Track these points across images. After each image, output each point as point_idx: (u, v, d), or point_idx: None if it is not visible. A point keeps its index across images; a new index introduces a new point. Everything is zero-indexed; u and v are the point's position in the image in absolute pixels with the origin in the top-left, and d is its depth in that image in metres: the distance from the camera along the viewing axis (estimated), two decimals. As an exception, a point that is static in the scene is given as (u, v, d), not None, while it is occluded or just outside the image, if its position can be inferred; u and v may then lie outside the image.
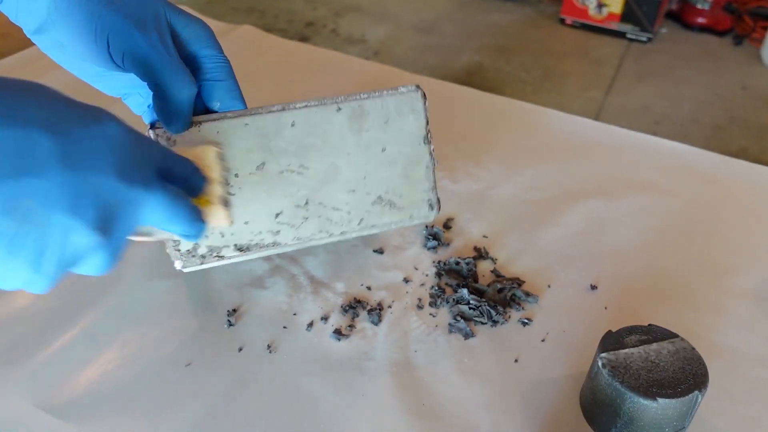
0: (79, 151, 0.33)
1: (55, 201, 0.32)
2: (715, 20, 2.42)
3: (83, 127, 0.33)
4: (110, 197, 0.34)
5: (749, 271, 0.64)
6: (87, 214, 0.33)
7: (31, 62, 0.92)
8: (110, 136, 0.35)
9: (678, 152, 0.80)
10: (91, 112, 0.35)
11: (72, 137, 0.33)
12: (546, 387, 0.52)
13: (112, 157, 0.34)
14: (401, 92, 0.54)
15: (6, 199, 0.30)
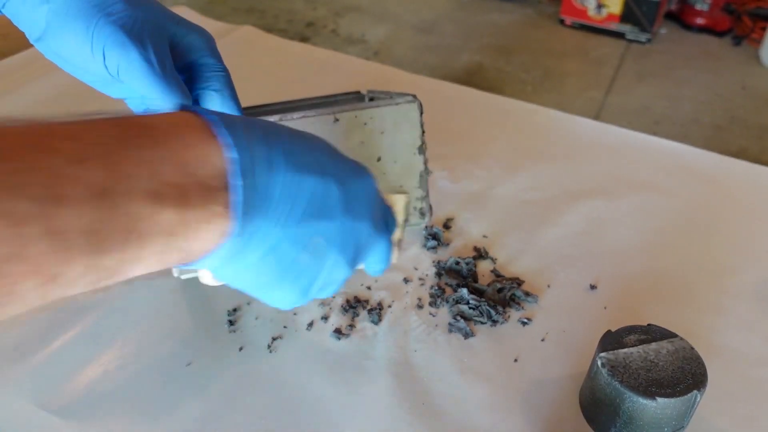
0: (353, 200, 0.38)
1: (335, 240, 0.37)
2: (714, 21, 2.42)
3: (356, 179, 0.38)
4: (363, 240, 0.39)
5: (749, 271, 0.64)
6: (349, 253, 0.38)
7: (32, 62, 0.92)
8: (370, 190, 0.40)
9: (678, 152, 0.81)
10: (360, 167, 0.40)
11: (350, 188, 0.38)
12: (546, 387, 0.52)
13: (371, 208, 0.40)
14: (398, 103, 0.55)
15: (308, 236, 0.36)
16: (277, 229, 0.34)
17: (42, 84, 0.87)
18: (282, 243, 0.35)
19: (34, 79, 0.88)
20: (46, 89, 0.87)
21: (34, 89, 0.87)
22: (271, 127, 0.35)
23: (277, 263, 0.35)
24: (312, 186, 0.35)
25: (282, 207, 0.34)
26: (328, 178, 0.36)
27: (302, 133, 0.38)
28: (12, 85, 0.88)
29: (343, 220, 0.37)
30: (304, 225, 0.35)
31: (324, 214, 0.36)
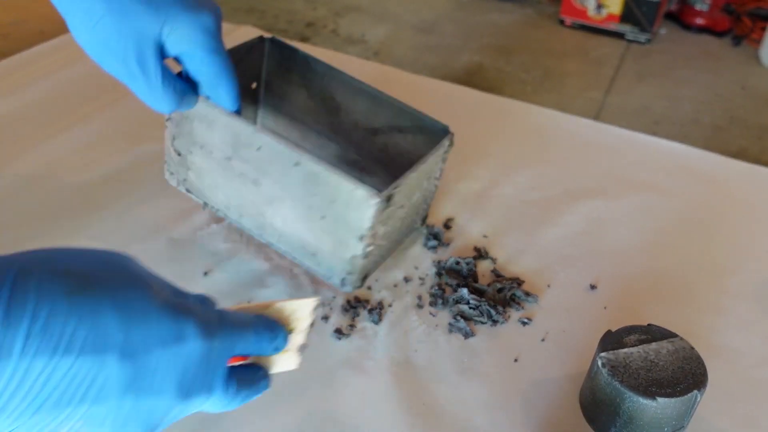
0: (146, 377, 0.30)
1: (104, 424, 0.30)
2: (713, 21, 2.42)
3: (161, 348, 0.30)
4: (164, 413, 0.32)
5: (749, 271, 0.64)
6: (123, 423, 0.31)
7: (32, 62, 0.92)
8: (186, 355, 0.32)
9: (678, 152, 0.81)
10: (176, 325, 0.31)
11: (143, 363, 0.30)
12: (546, 386, 0.52)
13: (179, 378, 0.32)
14: (358, 191, 0.49)
15: (58, 422, 0.28)
16: (5, 420, 0.27)
17: (42, 84, 0.87)
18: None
19: (34, 79, 0.88)
20: (46, 89, 0.86)
21: (34, 89, 0.87)
22: (39, 280, 0.28)
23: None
24: (69, 367, 0.27)
25: (13, 401, 0.27)
26: (106, 353, 0.28)
27: (97, 273, 0.30)
28: (12, 85, 0.87)
29: (121, 403, 0.29)
30: (46, 414, 0.28)
31: (87, 398, 0.28)
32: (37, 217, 0.67)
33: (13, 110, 0.83)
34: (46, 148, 0.76)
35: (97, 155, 0.75)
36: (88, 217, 0.67)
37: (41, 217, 0.67)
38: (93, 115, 0.80)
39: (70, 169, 0.73)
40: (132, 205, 0.67)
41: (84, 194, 0.70)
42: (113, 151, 0.73)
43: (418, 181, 0.56)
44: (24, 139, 0.78)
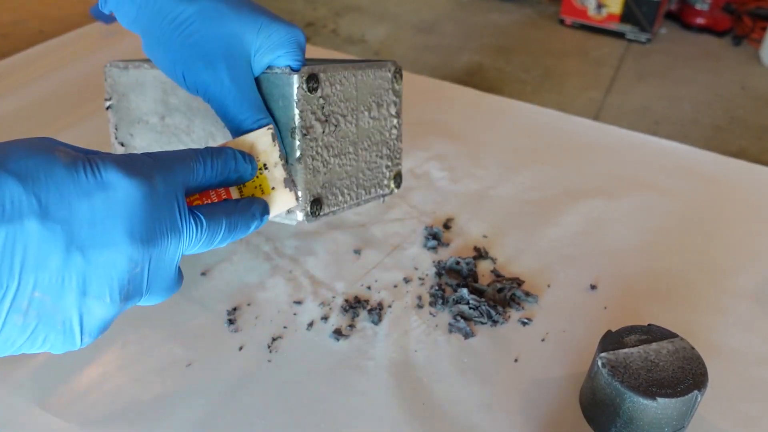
0: (83, 232, 0.31)
1: (64, 287, 0.31)
2: (714, 21, 2.42)
3: (86, 200, 0.31)
4: (129, 263, 0.32)
5: (749, 271, 0.64)
6: (103, 295, 0.32)
7: (32, 62, 0.92)
8: (122, 200, 0.32)
9: (678, 152, 0.81)
10: (93, 176, 0.32)
11: (71, 219, 0.30)
12: (546, 387, 0.52)
13: (126, 224, 0.32)
14: (278, 75, 0.46)
15: (12, 291, 0.29)
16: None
17: (42, 84, 0.87)
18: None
19: (34, 79, 0.88)
20: (46, 89, 0.87)
21: (34, 89, 0.87)
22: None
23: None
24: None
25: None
26: (22, 218, 0.29)
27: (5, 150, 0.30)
28: (12, 85, 0.88)
29: (68, 261, 0.30)
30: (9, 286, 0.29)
31: (28, 264, 0.29)
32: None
33: (13, 110, 0.83)
34: (45, 148, 0.76)
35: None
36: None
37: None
38: (93, 115, 0.80)
39: (69, 169, 0.73)
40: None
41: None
42: (113, 151, 0.73)
43: (361, 95, 0.49)
44: (24, 139, 0.78)
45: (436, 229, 0.66)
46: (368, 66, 0.50)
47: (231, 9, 0.45)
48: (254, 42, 0.45)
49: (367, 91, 0.50)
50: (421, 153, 0.78)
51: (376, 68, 0.50)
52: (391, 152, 0.53)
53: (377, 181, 0.53)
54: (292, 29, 0.46)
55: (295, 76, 0.45)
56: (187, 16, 0.44)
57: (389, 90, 0.51)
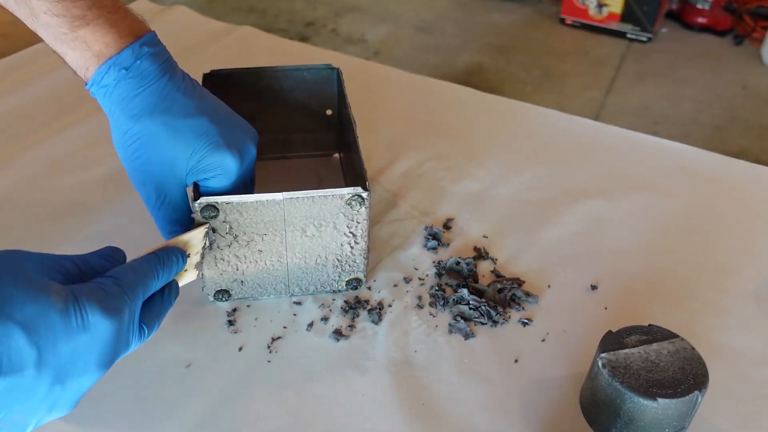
0: (65, 368, 0.35)
1: (38, 411, 0.35)
2: (715, 20, 2.41)
3: (73, 342, 0.35)
4: (90, 384, 0.37)
5: (749, 271, 0.64)
6: (66, 409, 0.37)
7: (32, 62, 0.92)
8: (99, 338, 0.37)
9: (678, 152, 0.80)
10: (80, 320, 0.35)
11: (59, 361, 0.34)
12: (546, 387, 0.52)
13: (98, 356, 0.37)
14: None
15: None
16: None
17: (42, 84, 0.87)
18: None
19: (34, 79, 0.88)
20: (46, 89, 0.86)
21: (34, 89, 0.87)
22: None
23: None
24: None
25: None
26: (23, 370, 0.33)
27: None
28: (12, 85, 0.87)
29: (49, 395, 0.35)
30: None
31: (16, 402, 0.33)
32: (37, 217, 0.67)
33: (13, 110, 0.83)
34: (46, 148, 0.76)
35: (97, 155, 0.75)
36: (88, 217, 0.67)
37: (41, 217, 0.67)
38: (93, 115, 0.80)
39: (70, 169, 0.73)
40: (132, 205, 0.67)
41: (84, 194, 0.70)
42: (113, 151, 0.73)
43: (299, 217, 0.54)
44: (24, 139, 0.78)
45: (436, 229, 0.66)
46: (324, 194, 0.54)
47: (169, 133, 0.49)
48: (186, 165, 0.50)
49: (316, 212, 0.54)
50: (421, 153, 0.78)
51: (333, 196, 0.54)
52: (343, 263, 0.57)
53: (324, 282, 0.58)
54: (222, 155, 0.51)
55: (195, 203, 0.51)
56: (132, 134, 0.49)
57: (339, 214, 0.54)
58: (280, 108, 0.72)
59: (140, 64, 0.48)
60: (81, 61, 0.49)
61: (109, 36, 0.48)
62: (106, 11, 0.48)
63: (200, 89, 0.53)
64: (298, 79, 0.70)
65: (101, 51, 0.48)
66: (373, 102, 0.85)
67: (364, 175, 0.55)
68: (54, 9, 0.47)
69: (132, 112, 0.49)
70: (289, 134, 0.73)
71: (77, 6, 0.47)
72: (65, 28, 0.47)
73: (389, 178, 0.74)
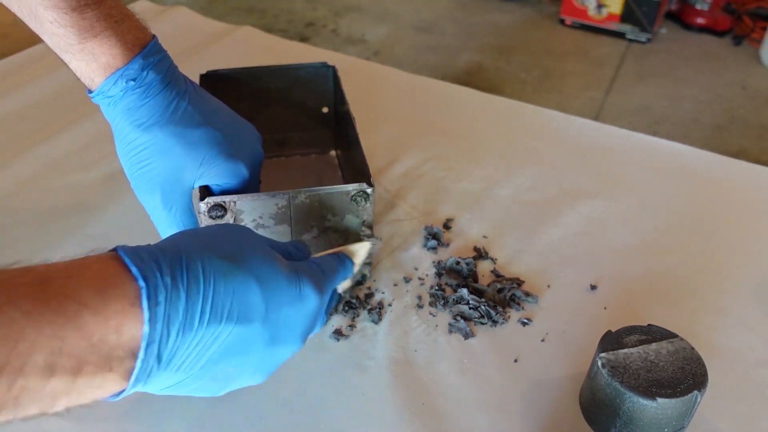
0: (280, 333, 0.38)
1: (247, 368, 0.38)
2: (714, 21, 2.42)
3: (289, 306, 0.38)
4: (289, 355, 0.40)
5: (749, 271, 0.64)
6: (265, 372, 0.40)
7: (32, 62, 0.92)
8: (307, 311, 0.40)
9: (678, 152, 0.80)
10: (296, 284, 0.39)
11: (279, 320, 0.38)
12: (546, 387, 0.52)
13: (303, 329, 0.40)
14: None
15: (215, 371, 0.36)
16: (176, 375, 0.35)
17: (42, 84, 0.87)
18: (182, 382, 0.35)
19: (34, 79, 0.88)
20: (46, 89, 0.87)
21: (34, 89, 0.87)
22: (203, 264, 0.35)
23: (179, 390, 0.36)
24: (229, 333, 0.35)
25: (186, 360, 0.34)
26: (253, 322, 0.36)
27: (241, 254, 0.37)
28: (12, 85, 0.88)
29: (263, 354, 0.37)
30: (209, 367, 0.36)
31: (239, 352, 0.36)
32: (37, 217, 0.67)
33: (12, 110, 0.83)
34: (46, 148, 0.76)
35: (97, 155, 0.75)
36: (88, 217, 0.67)
37: (41, 217, 0.67)
38: (93, 115, 0.80)
39: (70, 169, 0.73)
40: (132, 205, 0.67)
41: (84, 194, 0.70)
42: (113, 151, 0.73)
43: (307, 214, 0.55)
44: (24, 139, 0.78)
45: (436, 229, 0.66)
46: (330, 191, 0.54)
47: (179, 142, 0.50)
48: (196, 173, 0.51)
49: (321, 209, 0.55)
50: (421, 153, 0.78)
51: (338, 192, 0.54)
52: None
53: None
54: (233, 163, 0.52)
55: (202, 203, 0.51)
56: (140, 144, 0.49)
57: (345, 210, 0.55)
58: (276, 107, 0.72)
59: (146, 75, 0.48)
60: (87, 71, 0.48)
61: (116, 48, 0.48)
62: (113, 21, 0.47)
63: (203, 94, 0.53)
64: (294, 77, 0.70)
65: (108, 63, 0.48)
66: (373, 102, 0.85)
67: (367, 171, 0.55)
68: (61, 20, 0.46)
69: (138, 122, 0.49)
70: (285, 133, 0.74)
71: (85, 18, 0.46)
72: (72, 39, 0.47)
73: (389, 178, 0.74)
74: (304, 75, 0.70)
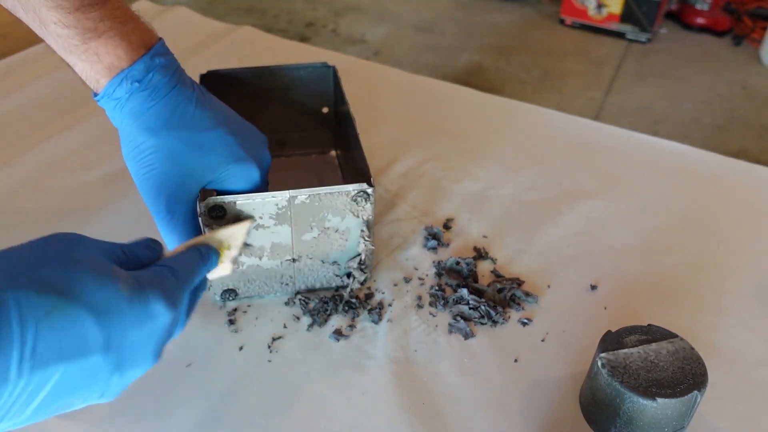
0: (127, 357, 0.34)
1: (93, 399, 0.35)
2: (714, 21, 2.41)
3: (137, 330, 0.35)
4: (141, 373, 0.37)
5: (749, 271, 0.64)
6: (114, 395, 0.36)
7: (32, 62, 0.92)
8: (158, 328, 0.36)
9: (678, 152, 0.80)
10: (145, 308, 0.35)
11: (123, 348, 0.34)
12: (546, 387, 0.52)
13: (155, 346, 0.37)
14: None
15: (56, 411, 0.33)
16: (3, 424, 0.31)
17: (42, 84, 0.87)
18: (14, 425, 0.32)
19: (34, 79, 0.88)
20: (46, 89, 0.87)
21: (34, 89, 0.87)
22: (18, 305, 0.30)
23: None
24: (61, 374, 0.31)
25: (9, 413, 0.30)
26: (91, 354, 0.32)
27: (66, 282, 0.32)
28: (12, 85, 0.88)
29: (108, 381, 0.34)
30: (44, 408, 0.32)
31: (79, 387, 0.33)
32: (37, 217, 0.67)
33: (12, 110, 0.83)
34: (46, 148, 0.76)
35: (97, 155, 0.75)
36: (88, 217, 0.67)
37: (41, 217, 0.67)
38: (93, 115, 0.80)
39: (70, 169, 0.73)
40: (132, 205, 0.67)
41: (84, 194, 0.70)
42: (113, 151, 0.73)
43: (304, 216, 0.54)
44: (24, 139, 0.78)
45: (436, 229, 0.66)
46: (330, 191, 0.54)
47: (188, 147, 0.49)
48: (205, 177, 0.50)
49: (321, 209, 0.54)
50: (421, 153, 0.78)
51: (338, 193, 0.54)
52: (358, 261, 0.58)
53: (331, 278, 0.59)
54: (244, 167, 0.51)
55: (201, 204, 0.51)
56: (148, 147, 0.48)
57: (345, 210, 0.55)
58: (276, 107, 0.72)
59: (152, 77, 0.48)
60: (91, 72, 0.48)
61: (120, 48, 0.47)
62: (118, 22, 0.47)
63: (209, 97, 0.52)
64: (294, 77, 0.70)
65: (113, 63, 0.47)
66: (373, 102, 0.85)
67: (367, 171, 0.55)
68: (65, 20, 0.46)
69: (146, 125, 0.48)
70: (285, 133, 0.74)
71: (89, 18, 0.46)
72: (76, 40, 0.47)
73: (389, 178, 0.74)
74: (304, 75, 0.70)
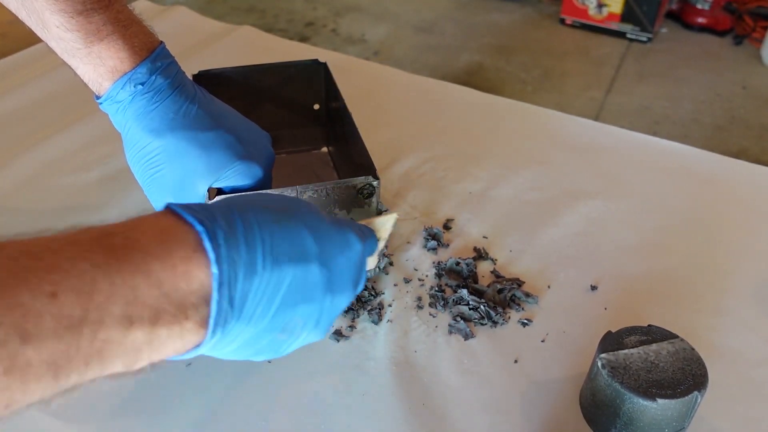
0: (336, 278, 0.39)
1: (312, 318, 0.38)
2: (715, 20, 2.41)
3: (340, 254, 0.39)
4: (344, 306, 0.41)
5: (749, 271, 0.64)
6: (326, 324, 0.40)
7: (32, 62, 0.92)
8: (355, 259, 0.41)
9: (678, 152, 0.80)
10: (344, 235, 0.40)
11: (333, 267, 0.38)
12: (546, 387, 0.52)
13: (354, 275, 0.41)
14: None
15: (283, 321, 0.36)
16: (250, 326, 0.35)
17: (42, 84, 0.87)
18: (255, 335, 0.36)
19: (34, 79, 0.88)
20: (46, 89, 0.86)
21: (34, 89, 0.87)
22: (254, 214, 0.35)
23: (251, 347, 0.37)
24: (291, 277, 0.36)
25: (257, 307, 0.35)
26: (310, 263, 0.37)
27: (287, 207, 0.38)
28: (12, 85, 0.87)
29: (323, 300, 0.38)
30: (280, 315, 0.36)
31: (303, 299, 0.37)
32: (37, 217, 0.67)
33: (12, 110, 0.83)
34: (45, 148, 0.76)
35: (97, 155, 0.75)
36: (88, 217, 0.67)
37: (41, 217, 0.67)
38: (93, 115, 0.80)
39: (70, 169, 0.73)
40: (132, 206, 0.67)
41: (84, 194, 0.70)
42: (113, 151, 0.73)
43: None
44: (24, 139, 0.78)
45: (436, 229, 0.66)
46: (336, 185, 0.55)
47: (193, 147, 0.49)
48: (210, 176, 0.51)
49: (327, 203, 0.56)
50: (421, 153, 0.78)
51: (345, 186, 0.55)
52: None
53: None
54: (249, 165, 0.52)
55: (211, 202, 0.50)
56: (152, 149, 0.49)
57: (351, 204, 0.56)
58: (268, 105, 0.72)
59: (155, 80, 0.48)
60: (94, 75, 0.48)
61: (123, 52, 0.47)
62: (120, 26, 0.47)
63: (211, 98, 0.53)
64: (285, 75, 0.71)
65: (116, 67, 0.48)
66: (373, 102, 0.85)
67: (371, 164, 0.55)
68: (68, 24, 0.46)
69: (150, 127, 0.49)
70: (277, 130, 0.74)
71: (92, 22, 0.46)
72: (79, 44, 0.47)
73: (389, 178, 0.74)
74: (295, 73, 0.71)
